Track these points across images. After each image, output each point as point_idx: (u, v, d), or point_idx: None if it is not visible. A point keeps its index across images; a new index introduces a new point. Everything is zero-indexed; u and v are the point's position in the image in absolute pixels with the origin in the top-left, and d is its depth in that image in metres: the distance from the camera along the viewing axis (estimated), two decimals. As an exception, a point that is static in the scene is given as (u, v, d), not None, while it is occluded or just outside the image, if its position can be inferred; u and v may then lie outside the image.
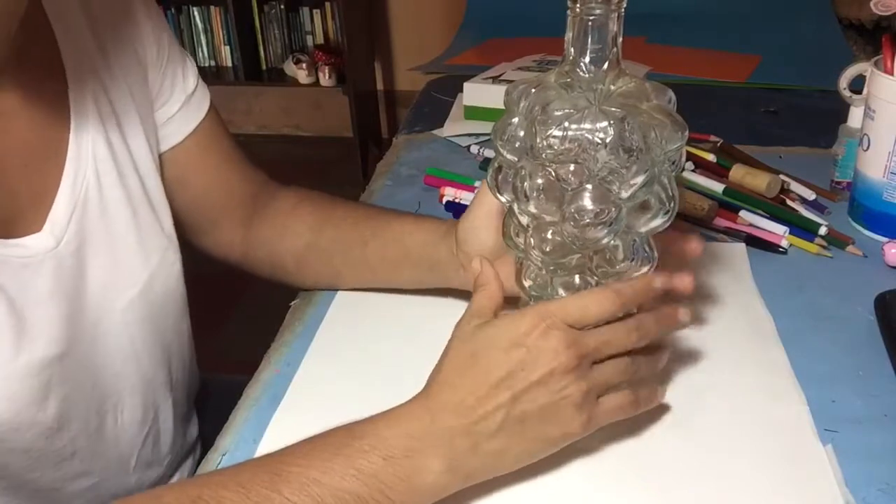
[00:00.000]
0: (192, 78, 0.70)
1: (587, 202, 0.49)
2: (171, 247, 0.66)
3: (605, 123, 0.48)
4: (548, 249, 0.52)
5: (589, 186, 0.49)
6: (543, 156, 0.49)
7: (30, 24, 0.55)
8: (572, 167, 0.49)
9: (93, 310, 0.60)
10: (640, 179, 0.48)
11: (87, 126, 0.59)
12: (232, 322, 2.09)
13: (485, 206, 0.59)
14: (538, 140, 0.49)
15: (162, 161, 0.68)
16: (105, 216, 0.60)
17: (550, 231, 0.52)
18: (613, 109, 0.48)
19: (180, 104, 0.69)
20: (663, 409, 0.57)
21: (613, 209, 0.49)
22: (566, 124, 0.48)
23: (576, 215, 0.49)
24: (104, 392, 0.62)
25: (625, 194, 0.49)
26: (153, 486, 0.69)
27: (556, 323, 0.49)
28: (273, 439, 0.56)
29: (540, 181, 0.50)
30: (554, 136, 0.48)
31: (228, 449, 0.56)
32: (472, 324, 0.52)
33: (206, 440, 0.78)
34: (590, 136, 0.48)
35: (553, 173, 0.49)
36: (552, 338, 0.49)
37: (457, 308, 0.66)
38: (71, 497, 0.61)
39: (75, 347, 0.58)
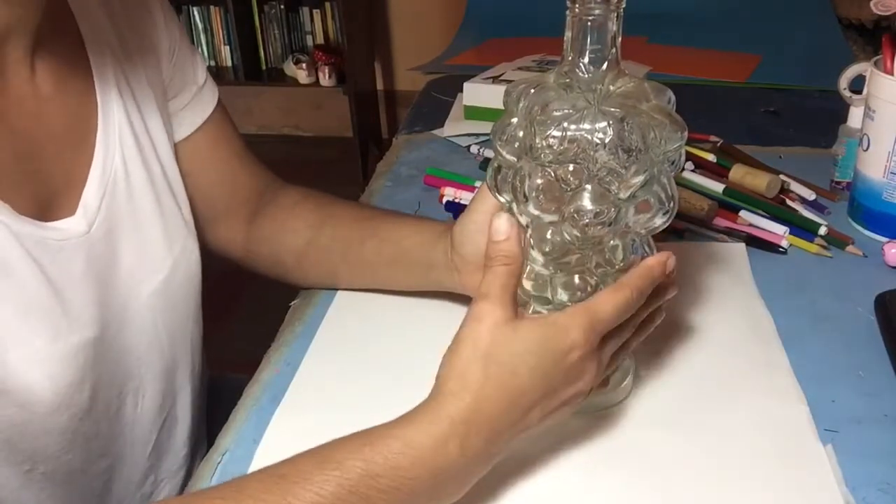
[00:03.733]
0: (201, 72, 0.72)
1: (586, 202, 0.49)
2: (191, 235, 0.68)
3: (604, 124, 0.48)
4: (547, 249, 0.52)
5: (588, 186, 0.49)
6: (542, 156, 0.49)
7: (56, 18, 0.57)
8: (571, 167, 0.49)
9: (121, 294, 0.61)
10: (639, 179, 0.48)
11: (113, 114, 0.61)
12: (232, 322, 2.09)
13: (482, 210, 0.59)
14: (537, 140, 0.49)
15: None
16: (132, 201, 0.62)
17: (550, 231, 0.52)
18: (612, 110, 0.48)
19: (190, 97, 0.70)
20: (663, 408, 0.57)
21: (613, 209, 0.49)
22: (565, 125, 0.48)
23: (575, 215, 0.49)
24: (127, 376, 0.63)
25: (624, 194, 0.49)
26: (165, 474, 0.70)
27: (596, 342, 0.48)
28: (273, 439, 0.56)
29: (539, 181, 0.50)
30: (553, 137, 0.48)
31: (229, 448, 0.56)
32: (500, 315, 0.47)
33: (207, 438, 0.78)
34: (589, 137, 0.48)
35: (552, 173, 0.49)
36: (588, 360, 0.48)
37: (457, 308, 0.67)
38: (93, 478, 0.62)
39: (106, 331, 0.59)
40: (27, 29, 0.54)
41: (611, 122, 0.47)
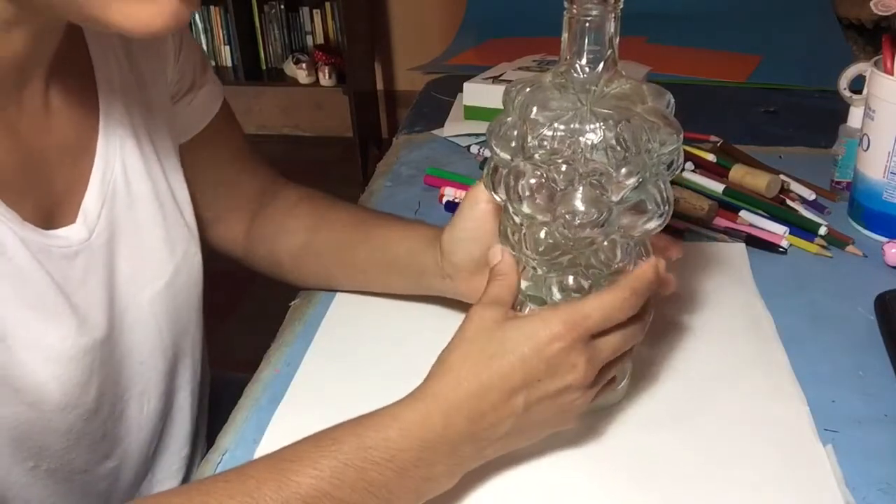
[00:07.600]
0: (207, 74, 0.72)
1: (578, 203, 0.48)
2: (193, 239, 0.68)
3: (595, 125, 0.47)
4: (541, 249, 0.52)
5: (580, 188, 0.48)
6: (535, 156, 0.49)
7: (67, 31, 0.57)
8: (563, 168, 0.48)
9: (123, 300, 0.61)
10: (631, 181, 0.48)
11: (115, 123, 0.61)
12: (232, 322, 2.09)
13: (471, 218, 0.59)
14: (530, 139, 0.49)
15: None
16: (133, 209, 0.62)
17: (543, 231, 0.52)
18: (605, 111, 0.48)
19: (195, 99, 0.70)
20: (663, 409, 0.57)
21: (605, 211, 0.49)
22: (556, 125, 0.48)
23: (567, 216, 0.49)
24: (130, 379, 0.63)
25: (615, 196, 0.48)
26: (164, 473, 0.71)
27: (581, 336, 0.48)
28: (273, 439, 0.56)
29: (532, 181, 0.49)
30: (545, 136, 0.48)
31: (228, 448, 0.56)
32: (489, 314, 0.50)
33: (208, 437, 0.78)
34: (580, 137, 0.48)
35: (545, 173, 0.49)
36: (574, 353, 0.48)
37: (456, 307, 0.67)
38: (98, 479, 0.62)
39: (110, 334, 0.60)
40: (49, 53, 0.55)
41: (602, 123, 0.47)
